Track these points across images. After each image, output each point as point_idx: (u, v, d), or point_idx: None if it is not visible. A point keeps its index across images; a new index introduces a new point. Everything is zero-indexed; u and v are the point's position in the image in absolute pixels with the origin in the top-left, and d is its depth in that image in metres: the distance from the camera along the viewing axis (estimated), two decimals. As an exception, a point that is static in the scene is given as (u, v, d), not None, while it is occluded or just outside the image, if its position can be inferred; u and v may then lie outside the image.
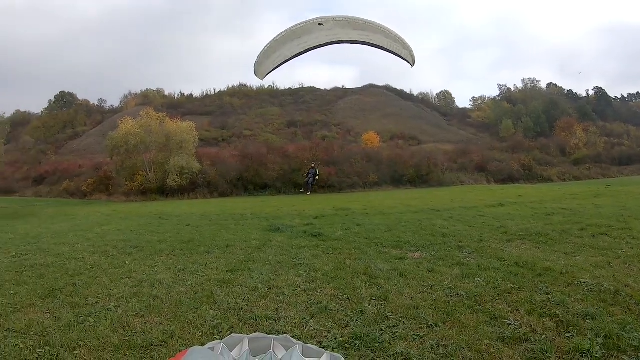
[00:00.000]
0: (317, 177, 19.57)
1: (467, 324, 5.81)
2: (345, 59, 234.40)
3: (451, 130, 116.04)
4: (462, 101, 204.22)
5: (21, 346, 5.54)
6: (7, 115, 42.48)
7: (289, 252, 11.59)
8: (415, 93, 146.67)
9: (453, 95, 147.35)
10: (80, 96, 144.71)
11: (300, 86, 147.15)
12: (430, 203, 27.22)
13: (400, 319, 6.10)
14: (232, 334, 3.59)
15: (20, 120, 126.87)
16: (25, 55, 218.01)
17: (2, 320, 6.55)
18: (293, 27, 10.52)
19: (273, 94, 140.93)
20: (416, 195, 40.63)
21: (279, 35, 10.67)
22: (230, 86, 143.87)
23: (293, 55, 11.34)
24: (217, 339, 4.30)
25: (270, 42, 10.83)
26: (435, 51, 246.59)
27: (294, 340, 3.17)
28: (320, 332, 5.79)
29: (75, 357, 5.21)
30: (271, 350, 3.12)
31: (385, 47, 10.64)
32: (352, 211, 23.15)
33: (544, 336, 5.33)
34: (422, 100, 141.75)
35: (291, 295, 7.41)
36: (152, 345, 5.48)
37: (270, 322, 6.16)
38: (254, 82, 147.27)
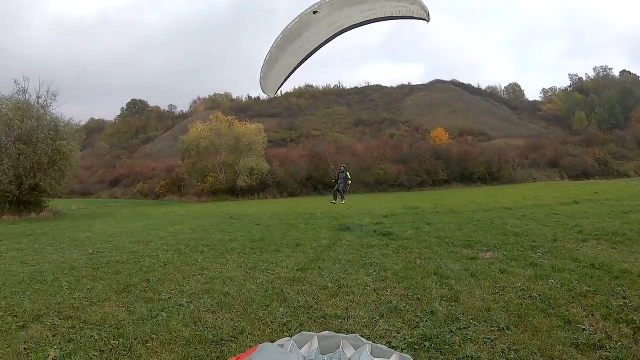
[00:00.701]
0: (349, 182, 17.65)
1: (540, 328, 5.59)
2: (409, 56, 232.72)
3: (521, 124, 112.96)
4: (532, 93, 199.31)
5: (96, 337, 5.78)
6: (82, 123, 44.38)
7: (358, 251, 11.57)
8: (483, 87, 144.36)
9: (522, 88, 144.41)
10: (151, 103, 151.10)
11: (366, 84, 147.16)
12: (501, 201, 26.71)
13: (471, 321, 5.95)
14: (302, 332, 3.61)
15: (95, 128, 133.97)
16: (98, 67, 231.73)
17: (78, 313, 6.86)
18: (288, 25, 9.53)
19: (339, 94, 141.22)
20: (487, 192, 39.88)
21: (275, 40, 9.74)
22: (296, 87, 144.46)
23: (298, 62, 10.44)
24: (286, 336, 4.34)
25: (270, 50, 9.96)
26: (502, 43, 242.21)
27: (363, 340, 3.16)
28: (389, 332, 5.72)
29: (148, 350, 5.38)
30: (340, 348, 3.12)
31: (392, 15, 9.52)
32: (422, 209, 22.98)
33: (619, 343, 5.07)
34: (490, 94, 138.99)
35: (361, 294, 7.37)
36: (222, 340, 5.59)
37: (339, 320, 6.14)
38: (320, 82, 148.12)
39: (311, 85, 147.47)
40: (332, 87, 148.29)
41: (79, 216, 33.35)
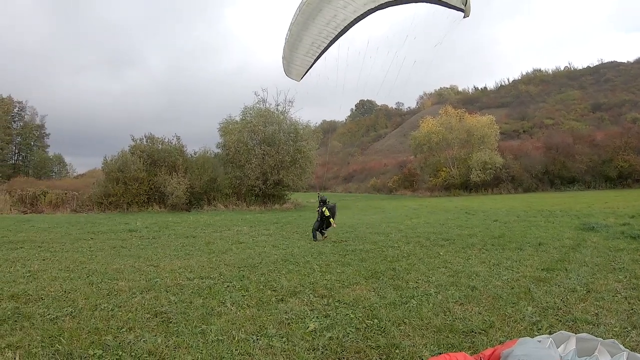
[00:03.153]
0: (329, 218, 12.81)
1: None
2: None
3: None
4: None
5: (351, 316, 6.32)
6: (317, 124, 48.98)
7: (606, 254, 10.92)
8: None
9: None
10: (379, 102, 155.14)
11: (600, 62, 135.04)
12: None
13: None
14: (561, 331, 3.64)
15: (327, 128, 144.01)
16: (327, 75, 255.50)
17: (332, 293, 7.60)
18: None
19: (571, 76, 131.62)
20: None
21: (294, 16, 9.07)
22: (523, 73, 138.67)
23: (330, 41, 9.58)
24: (536, 335, 4.36)
25: (290, 28, 9.36)
26: None
27: (622, 347, 3.11)
28: (643, 345, 5.26)
29: (401, 332, 5.70)
30: (596, 353, 3.11)
31: None
32: (676, 210, 20.72)
33: None
34: None
35: (611, 301, 6.94)
36: (472, 332, 5.70)
37: (590, 326, 5.85)
38: (548, 65, 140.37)
39: (539, 70, 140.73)
40: (562, 69, 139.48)
41: (315, 208, 35.87)
